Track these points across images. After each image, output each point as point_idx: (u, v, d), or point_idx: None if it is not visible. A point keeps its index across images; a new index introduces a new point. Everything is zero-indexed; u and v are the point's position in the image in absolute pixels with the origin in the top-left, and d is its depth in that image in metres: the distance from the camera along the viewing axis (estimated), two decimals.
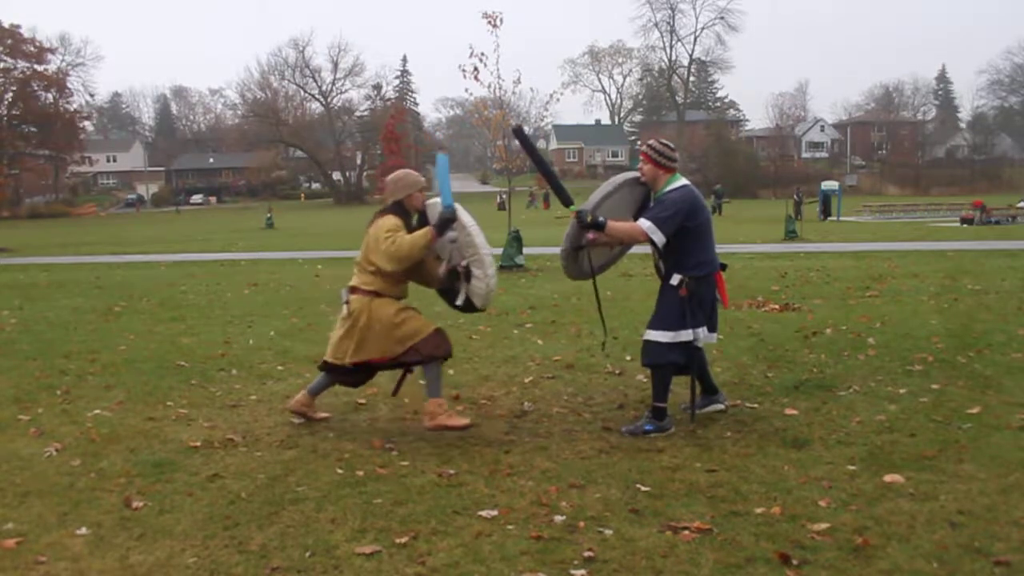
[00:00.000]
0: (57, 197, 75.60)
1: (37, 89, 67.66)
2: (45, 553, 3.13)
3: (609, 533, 3.20)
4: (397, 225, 4.51)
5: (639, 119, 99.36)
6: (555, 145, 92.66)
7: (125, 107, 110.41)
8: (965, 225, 28.02)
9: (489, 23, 14.71)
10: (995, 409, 4.77)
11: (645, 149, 4.63)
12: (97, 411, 5.17)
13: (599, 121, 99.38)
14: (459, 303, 4.77)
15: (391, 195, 4.65)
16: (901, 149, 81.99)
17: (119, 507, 3.57)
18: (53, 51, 69.31)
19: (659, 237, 4.41)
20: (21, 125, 68.09)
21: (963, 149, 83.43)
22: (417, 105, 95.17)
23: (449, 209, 4.47)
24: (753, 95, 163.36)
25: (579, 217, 4.49)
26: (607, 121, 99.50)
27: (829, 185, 36.35)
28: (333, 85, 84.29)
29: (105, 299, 11.30)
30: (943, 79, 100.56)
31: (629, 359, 6.36)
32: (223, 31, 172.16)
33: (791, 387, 5.42)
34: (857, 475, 3.78)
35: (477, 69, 14.71)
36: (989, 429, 4.41)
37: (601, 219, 4.46)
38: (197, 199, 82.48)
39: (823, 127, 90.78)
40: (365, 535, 3.23)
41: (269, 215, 40.65)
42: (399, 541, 3.15)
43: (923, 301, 9.16)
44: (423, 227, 4.53)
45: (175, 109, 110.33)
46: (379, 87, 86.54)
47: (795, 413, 4.82)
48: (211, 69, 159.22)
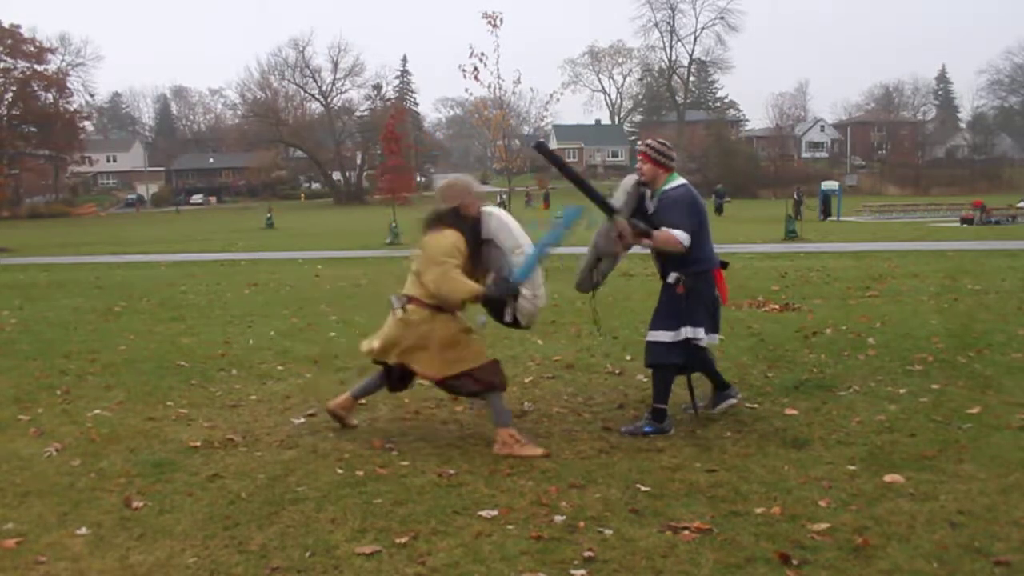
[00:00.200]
0: (57, 197, 75.57)
1: (37, 89, 67.69)
2: (45, 553, 3.13)
3: (609, 533, 3.20)
4: (455, 249, 4.25)
5: (639, 119, 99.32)
6: (555, 145, 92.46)
7: (125, 107, 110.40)
8: (965, 225, 28.02)
9: (489, 23, 14.74)
10: (995, 409, 4.77)
11: (644, 149, 4.64)
12: (97, 411, 5.17)
13: (599, 121, 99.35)
14: (507, 319, 4.50)
15: (444, 202, 4.40)
16: (901, 149, 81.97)
17: (119, 507, 3.57)
18: (53, 51, 69.44)
19: (688, 242, 4.44)
20: (21, 125, 68.13)
21: (963, 149, 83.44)
22: (417, 105, 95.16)
23: (513, 288, 4.24)
24: (753, 95, 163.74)
25: (634, 225, 4.42)
26: (607, 121, 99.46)
27: (829, 185, 36.35)
28: (333, 85, 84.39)
29: (105, 299, 11.30)
30: (943, 79, 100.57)
31: (629, 359, 6.36)
32: (223, 31, 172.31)
33: (791, 387, 5.42)
34: (857, 475, 3.78)
35: (477, 69, 14.76)
36: (989, 429, 4.41)
37: (649, 228, 4.43)
38: (197, 199, 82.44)
39: (823, 127, 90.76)
40: (365, 535, 3.23)
41: (269, 215, 40.66)
42: (399, 541, 3.15)
43: (923, 301, 9.15)
44: (475, 235, 4.33)
45: (175, 109, 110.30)
46: (379, 87, 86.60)
47: (795, 413, 4.82)
48: (211, 69, 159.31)
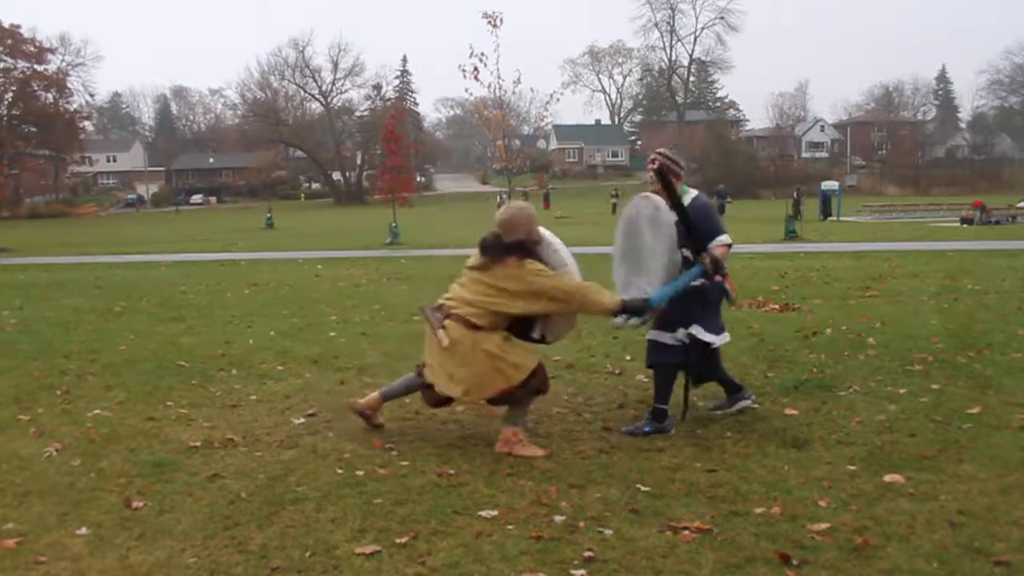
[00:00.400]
0: (57, 197, 75.64)
1: (37, 89, 67.76)
2: (45, 553, 3.13)
3: (609, 533, 3.20)
4: (552, 267, 4.24)
5: (639, 119, 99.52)
6: (555, 145, 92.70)
7: (125, 107, 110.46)
8: (965, 225, 27.99)
9: (489, 23, 14.74)
10: (995, 409, 4.77)
11: (658, 159, 4.64)
12: (97, 411, 5.17)
13: (599, 121, 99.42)
14: (535, 335, 4.43)
15: (511, 234, 4.25)
16: (901, 149, 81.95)
17: (119, 507, 3.57)
18: (53, 51, 69.53)
19: (730, 240, 4.56)
20: (21, 125, 68.18)
21: (963, 149, 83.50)
22: (417, 105, 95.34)
23: (649, 307, 4.23)
24: (753, 95, 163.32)
25: (713, 259, 4.41)
26: (607, 121, 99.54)
27: (829, 185, 36.34)
28: (333, 85, 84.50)
29: (105, 299, 11.30)
30: (943, 79, 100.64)
31: (629, 359, 6.37)
32: (223, 31, 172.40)
33: (791, 387, 5.42)
34: (857, 475, 3.78)
35: (477, 69, 14.78)
36: (989, 429, 4.41)
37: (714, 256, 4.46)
38: (197, 199, 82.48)
39: (823, 127, 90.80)
40: (365, 535, 3.23)
41: (269, 215, 40.67)
42: (399, 541, 3.15)
43: (923, 301, 9.16)
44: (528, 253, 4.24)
45: (175, 109, 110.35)
46: (379, 87, 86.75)
47: (795, 413, 4.82)
48: (211, 69, 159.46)
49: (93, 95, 79.28)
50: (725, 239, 4.52)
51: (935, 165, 78.51)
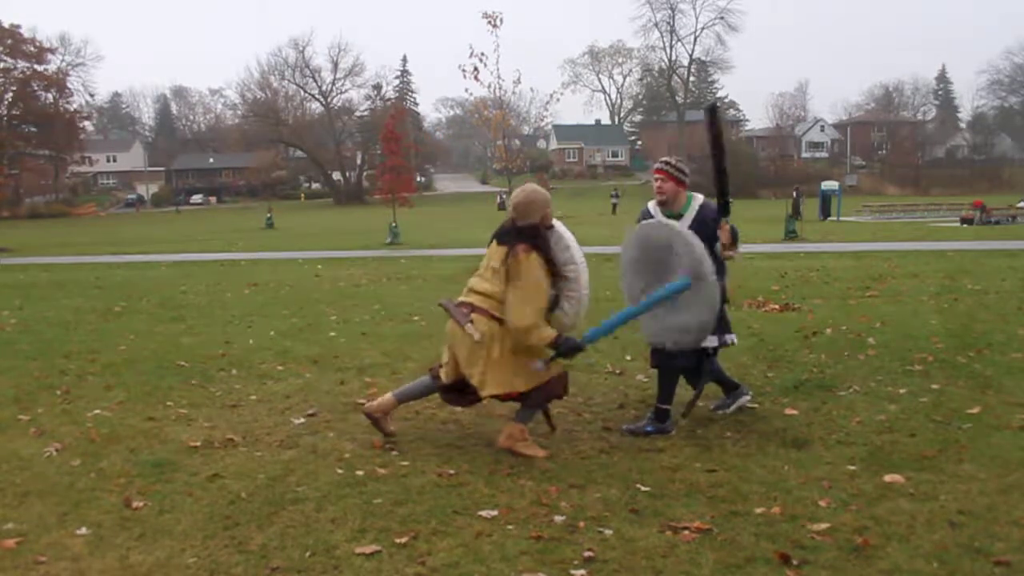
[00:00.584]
0: (57, 197, 75.58)
1: (37, 89, 67.73)
2: (45, 553, 3.13)
3: (609, 533, 3.20)
4: (544, 288, 4.13)
5: (639, 119, 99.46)
6: (555, 145, 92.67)
7: (125, 107, 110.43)
8: (965, 225, 28.00)
9: (489, 23, 14.71)
10: (995, 409, 4.77)
11: (664, 168, 4.65)
12: (97, 411, 5.17)
13: (599, 121, 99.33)
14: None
15: (525, 218, 4.20)
16: (901, 149, 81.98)
17: (119, 507, 3.57)
18: (53, 51, 69.47)
19: None
20: (21, 125, 68.15)
21: (963, 149, 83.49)
22: (417, 105, 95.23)
23: (580, 347, 4.18)
24: (753, 95, 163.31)
25: (733, 231, 4.47)
26: (607, 121, 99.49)
27: (829, 185, 36.34)
28: (333, 85, 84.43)
29: (105, 299, 11.30)
30: (943, 79, 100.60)
31: (629, 359, 6.37)
32: (223, 31, 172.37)
33: (791, 387, 5.42)
34: (857, 475, 3.78)
35: (477, 69, 14.72)
36: (989, 429, 4.41)
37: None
38: (197, 199, 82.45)
39: (823, 127, 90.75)
40: (365, 535, 3.23)
41: (269, 215, 40.69)
42: (399, 541, 3.15)
43: (923, 301, 9.16)
44: (549, 248, 4.19)
45: (175, 109, 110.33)
46: (379, 87, 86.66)
47: (795, 413, 4.82)
48: (211, 69, 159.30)
49: (93, 95, 79.38)
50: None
51: (935, 165, 78.52)
